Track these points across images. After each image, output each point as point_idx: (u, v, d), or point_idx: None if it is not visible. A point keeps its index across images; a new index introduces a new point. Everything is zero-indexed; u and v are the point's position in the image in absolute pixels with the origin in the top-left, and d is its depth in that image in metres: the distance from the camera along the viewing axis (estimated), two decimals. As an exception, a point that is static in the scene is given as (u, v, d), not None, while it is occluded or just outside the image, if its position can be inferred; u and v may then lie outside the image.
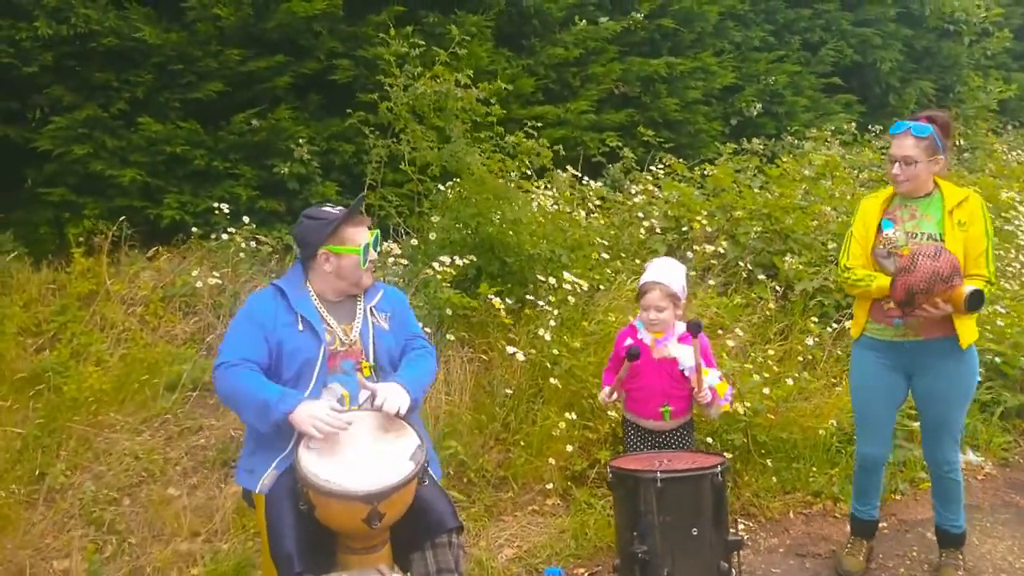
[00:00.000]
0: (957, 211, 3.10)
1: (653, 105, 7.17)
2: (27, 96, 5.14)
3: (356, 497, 2.39)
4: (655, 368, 3.26)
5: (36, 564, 3.24)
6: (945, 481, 3.36)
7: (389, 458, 2.53)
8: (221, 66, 5.47)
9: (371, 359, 2.81)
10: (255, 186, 5.64)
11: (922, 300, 2.94)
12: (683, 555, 2.73)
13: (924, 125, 3.10)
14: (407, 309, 3.04)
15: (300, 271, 2.88)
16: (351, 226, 2.81)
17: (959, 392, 3.24)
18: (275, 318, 2.73)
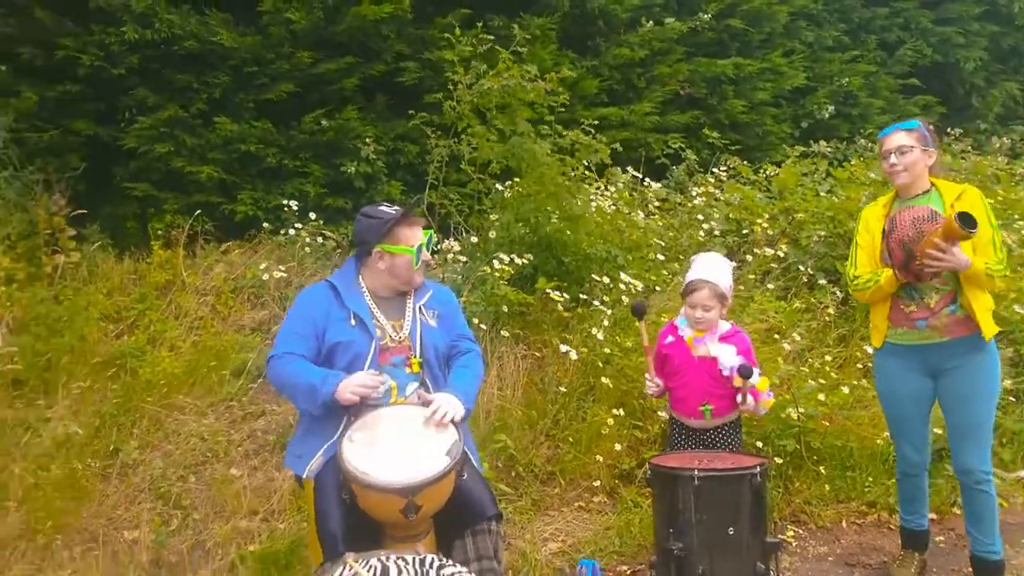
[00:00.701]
0: (958, 204, 3.06)
1: (720, 107, 7.10)
2: (115, 97, 5.47)
3: (392, 490, 2.48)
4: (695, 366, 3.26)
5: (108, 533, 3.48)
6: (976, 494, 3.19)
7: (426, 453, 2.60)
8: (292, 68, 5.69)
9: (419, 355, 2.89)
10: (323, 184, 5.85)
11: (918, 248, 2.91)
12: (719, 554, 2.74)
13: (912, 121, 3.23)
14: (456, 308, 3.12)
15: (354, 267, 3.00)
16: (406, 227, 2.90)
17: (984, 390, 3.15)
18: (327, 314, 2.85)
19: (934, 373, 3.20)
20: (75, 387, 3.91)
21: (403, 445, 2.64)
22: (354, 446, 2.62)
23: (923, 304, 3.13)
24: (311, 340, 2.82)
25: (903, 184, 3.18)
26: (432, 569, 2.27)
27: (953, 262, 2.92)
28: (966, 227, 2.81)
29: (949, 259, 2.91)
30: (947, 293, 3.10)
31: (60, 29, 5.23)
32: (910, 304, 3.16)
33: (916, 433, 3.33)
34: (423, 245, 2.93)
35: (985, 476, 3.16)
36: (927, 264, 2.94)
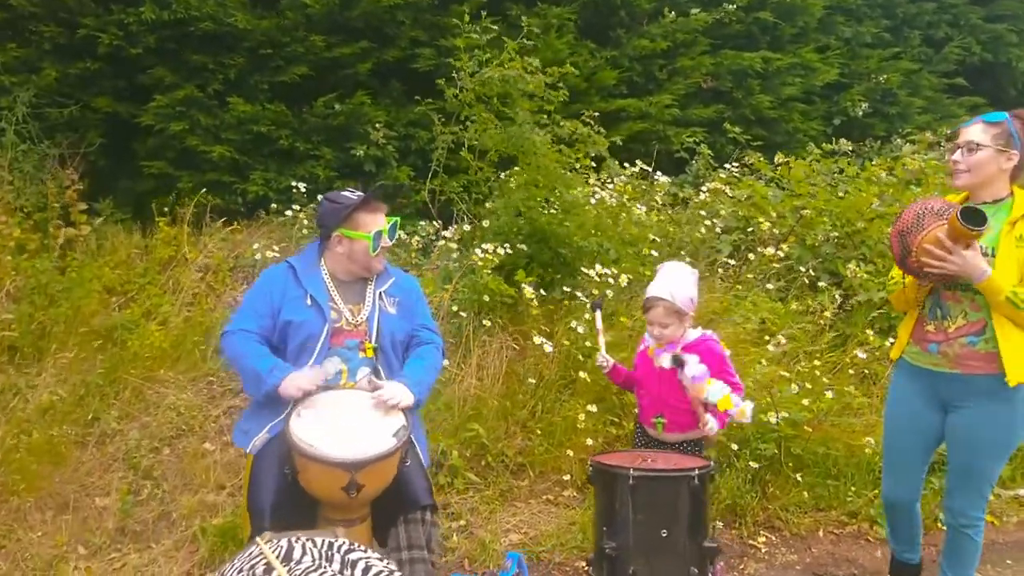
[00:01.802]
0: (1021, 223, 2.62)
1: (745, 101, 6.93)
2: (134, 76, 5.61)
3: (335, 463, 2.50)
4: (656, 377, 3.14)
5: (80, 499, 3.59)
6: (961, 536, 2.90)
7: (373, 432, 2.61)
8: (307, 51, 5.76)
9: (374, 340, 2.90)
10: (335, 167, 5.91)
11: (914, 240, 2.54)
12: (652, 555, 2.68)
13: (1000, 112, 2.71)
14: (418, 298, 3.10)
15: (317, 250, 3.01)
16: (366, 212, 2.89)
17: (996, 442, 2.77)
18: (284, 293, 2.87)
19: (944, 407, 2.83)
20: (61, 356, 4.03)
21: (350, 424, 2.65)
22: (301, 420, 2.64)
23: (942, 326, 2.75)
24: (266, 319, 2.85)
25: (964, 186, 2.75)
26: (338, 552, 2.27)
27: (959, 266, 2.51)
28: (968, 223, 2.43)
29: (954, 261, 2.51)
30: (976, 321, 2.68)
31: (82, 8, 5.40)
32: (930, 322, 2.79)
33: (908, 470, 2.98)
34: (384, 232, 2.92)
35: (972, 521, 2.88)
36: (924, 263, 2.57)
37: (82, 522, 3.51)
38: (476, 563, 3.50)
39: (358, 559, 2.28)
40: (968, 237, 2.50)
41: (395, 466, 2.63)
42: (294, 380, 2.68)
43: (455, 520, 3.73)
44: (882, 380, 4.51)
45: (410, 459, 2.79)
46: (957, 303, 2.73)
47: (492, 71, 4.66)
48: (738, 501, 3.90)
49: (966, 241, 2.51)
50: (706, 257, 5.10)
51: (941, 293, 2.77)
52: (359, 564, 2.26)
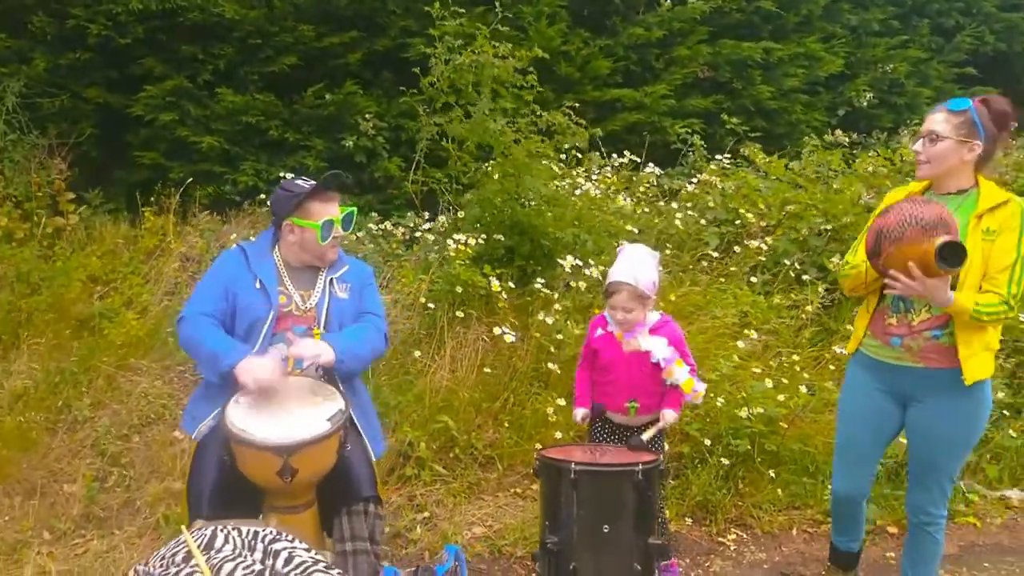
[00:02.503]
0: (988, 217, 2.53)
1: (745, 92, 6.81)
2: (125, 66, 5.64)
3: (266, 447, 2.48)
4: (625, 361, 3.10)
5: (47, 485, 3.62)
6: (921, 534, 2.84)
7: (308, 417, 2.59)
8: (296, 41, 5.75)
9: (322, 326, 2.88)
10: (325, 158, 5.90)
11: (888, 249, 2.42)
12: (594, 551, 2.63)
13: (963, 99, 2.60)
14: (370, 285, 3.07)
15: (270, 236, 3.01)
16: (319, 201, 2.86)
17: (957, 438, 2.70)
18: (235, 277, 2.86)
19: (904, 401, 2.77)
20: (36, 343, 4.07)
21: (287, 409, 2.63)
22: (239, 407, 2.63)
23: (905, 319, 2.68)
24: (221, 302, 2.84)
25: (924, 177, 2.66)
26: (261, 542, 2.26)
27: (923, 291, 2.42)
28: (944, 264, 2.33)
29: (915, 287, 2.41)
30: (940, 315, 2.60)
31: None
32: (892, 315, 2.71)
33: (861, 464, 2.91)
34: (336, 221, 2.89)
35: (933, 519, 2.81)
36: (891, 275, 2.47)
37: (49, 508, 3.54)
38: (437, 555, 3.47)
39: (282, 549, 2.27)
40: (940, 276, 2.40)
41: (333, 451, 2.60)
42: (251, 370, 2.64)
43: (420, 512, 3.72)
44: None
45: (354, 449, 2.78)
46: (920, 297, 2.58)
47: (464, 58, 4.59)
48: (709, 498, 3.84)
49: (939, 276, 2.40)
50: (692, 249, 5.01)
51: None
52: (282, 554, 2.25)
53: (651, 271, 3.06)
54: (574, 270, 4.30)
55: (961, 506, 4.01)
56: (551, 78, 6.22)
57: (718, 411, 3.96)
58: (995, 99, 2.63)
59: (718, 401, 3.93)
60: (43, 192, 5.17)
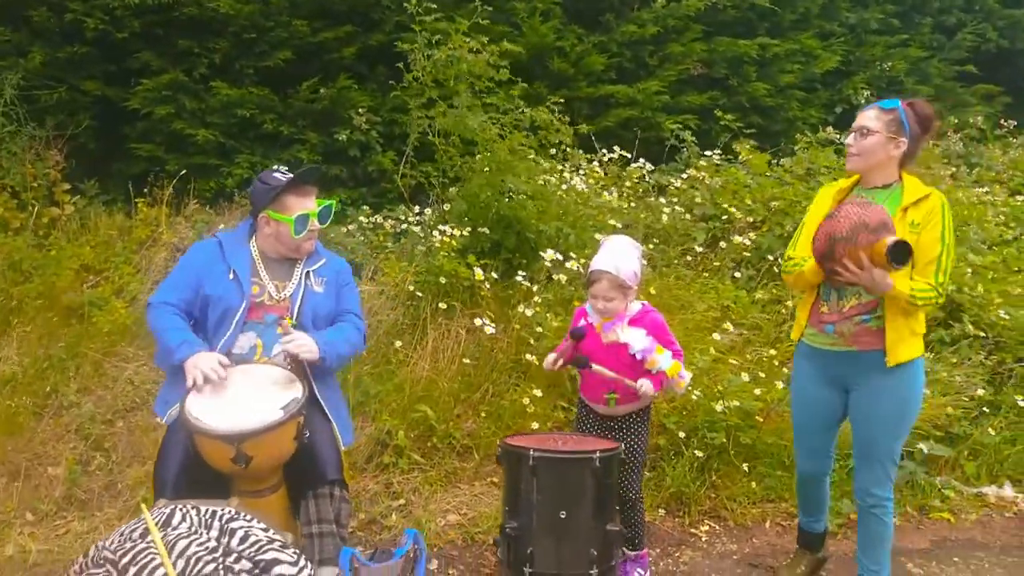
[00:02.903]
0: (913, 210, 2.69)
1: (740, 89, 6.82)
2: (122, 60, 5.73)
3: (217, 436, 2.54)
4: (604, 352, 3.11)
5: (32, 467, 3.70)
6: (868, 517, 2.91)
7: (263, 406, 2.64)
8: (291, 36, 5.82)
9: (295, 317, 2.93)
10: (320, 151, 5.97)
11: (842, 250, 2.55)
12: (551, 537, 2.66)
13: (893, 100, 2.80)
14: (348, 284, 3.13)
15: (248, 227, 3.06)
16: (294, 195, 2.91)
17: (890, 415, 2.80)
18: (209, 268, 2.92)
19: (844, 385, 2.89)
20: (24, 330, 4.15)
21: (244, 398, 2.69)
22: (199, 396, 2.68)
23: (837, 307, 2.82)
24: (188, 291, 2.90)
25: (854, 169, 2.83)
26: (218, 520, 2.32)
27: (867, 282, 2.58)
28: (893, 261, 2.49)
29: (864, 277, 2.57)
30: (868, 301, 2.75)
31: (69, -8, 5.53)
32: (825, 304, 2.84)
33: (814, 443, 3.05)
34: (312, 215, 2.94)
35: (879, 501, 2.86)
36: (839, 271, 2.61)
37: (33, 490, 3.62)
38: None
39: (238, 528, 2.33)
40: (889, 271, 2.55)
41: (289, 439, 2.65)
42: (198, 363, 2.70)
43: (396, 499, 3.77)
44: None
45: (321, 434, 2.83)
46: (851, 284, 2.72)
47: (441, 53, 4.63)
48: (683, 490, 3.87)
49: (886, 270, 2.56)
50: (678, 244, 5.04)
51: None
52: (238, 532, 2.31)
53: (633, 262, 3.07)
54: (555, 264, 4.33)
55: (936, 502, 4.01)
56: (545, 74, 6.27)
57: (694, 404, 3.99)
58: (920, 103, 2.81)
59: (694, 394, 3.95)
60: (40, 183, 5.26)
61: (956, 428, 4.27)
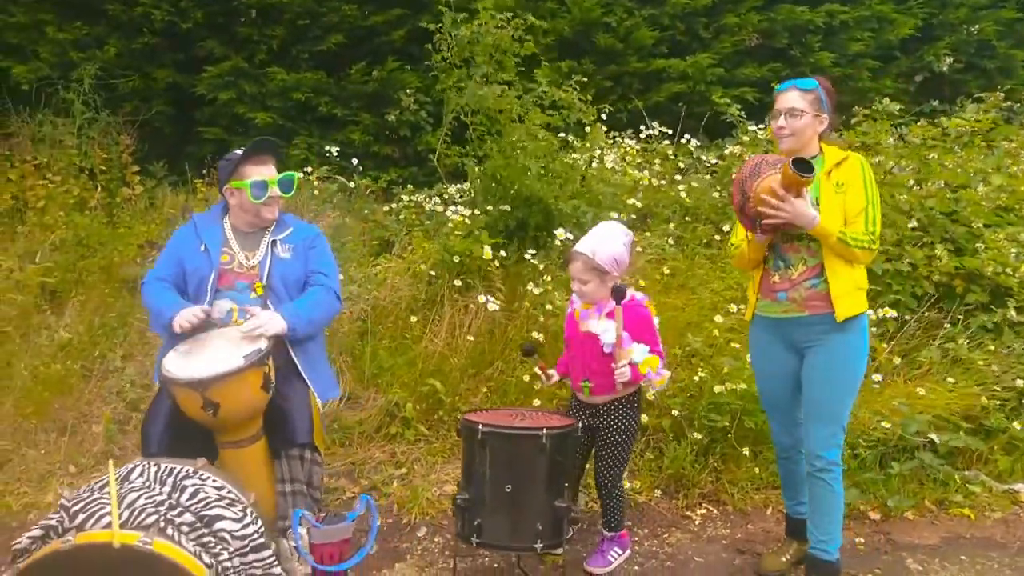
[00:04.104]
0: (836, 172, 2.84)
1: (804, 59, 6.52)
2: (189, 48, 6.12)
3: (183, 383, 2.73)
4: (580, 341, 3.13)
5: (78, 424, 4.10)
6: (815, 482, 2.91)
7: (227, 357, 2.82)
8: (342, 20, 6.03)
9: (264, 280, 3.14)
10: (372, 132, 6.19)
11: (751, 187, 2.71)
12: (497, 509, 2.74)
13: (810, 79, 2.93)
14: (316, 247, 3.28)
15: (221, 207, 3.29)
16: (251, 165, 3.12)
17: (838, 373, 2.87)
18: (187, 243, 3.19)
19: (799, 350, 2.96)
20: (82, 300, 4.57)
21: (213, 352, 2.88)
22: (175, 354, 2.91)
23: (786, 275, 2.92)
24: (173, 267, 3.17)
25: (788, 149, 2.89)
26: (172, 477, 2.54)
27: (791, 213, 2.68)
28: (799, 170, 2.60)
29: (787, 209, 2.67)
30: (814, 266, 2.86)
31: (140, -15, 5.95)
32: (775, 273, 2.95)
33: (784, 413, 3.10)
34: (271, 182, 3.12)
35: (827, 465, 2.88)
36: (762, 212, 2.71)
37: (77, 445, 4.02)
38: (404, 508, 3.69)
39: (190, 485, 2.54)
40: (800, 184, 2.66)
41: (256, 387, 2.79)
42: (181, 314, 2.95)
43: (399, 468, 3.94)
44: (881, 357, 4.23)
45: (296, 398, 3.01)
46: (796, 252, 2.89)
47: (465, 29, 4.68)
48: (683, 472, 3.84)
49: (797, 189, 2.67)
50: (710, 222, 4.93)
51: (780, 247, 2.91)
52: (188, 488, 2.53)
53: (614, 247, 3.05)
54: (567, 243, 4.35)
55: (959, 496, 3.80)
56: (592, 50, 6.22)
57: (698, 387, 3.94)
58: (821, 79, 2.96)
59: (697, 376, 3.91)
60: (114, 165, 5.72)
61: (992, 420, 4.02)
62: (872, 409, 3.96)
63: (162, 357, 3.17)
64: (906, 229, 4.49)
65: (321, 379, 3.18)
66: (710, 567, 3.33)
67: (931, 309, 4.40)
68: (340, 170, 6.03)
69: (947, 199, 4.59)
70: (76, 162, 5.60)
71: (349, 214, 5.39)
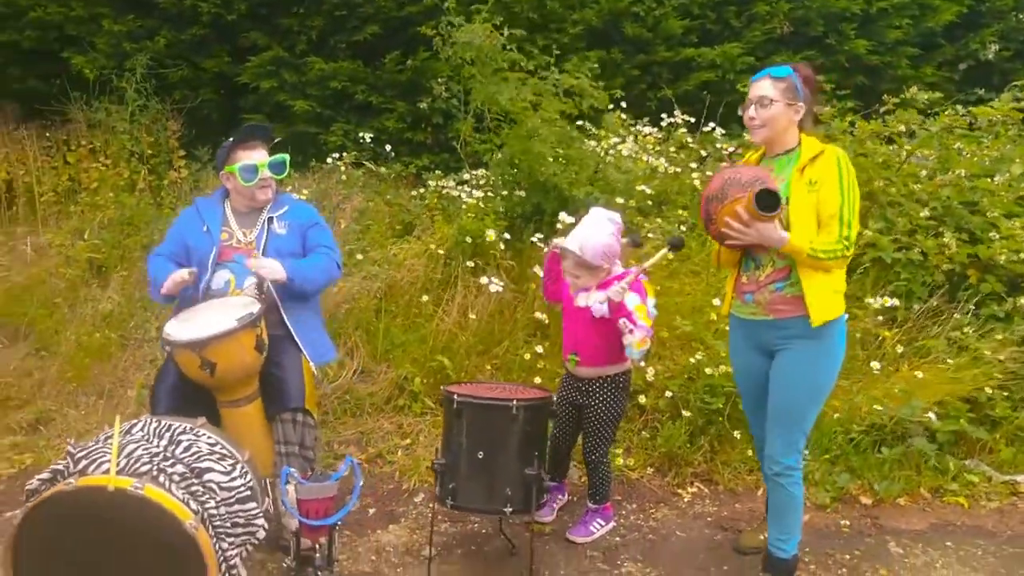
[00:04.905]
0: (810, 168, 2.68)
1: (839, 47, 6.44)
2: (234, 39, 6.43)
3: (182, 344, 2.98)
4: (573, 314, 3.26)
5: (115, 389, 4.44)
6: (774, 486, 2.90)
7: (221, 320, 3.04)
8: (377, 11, 6.24)
9: (260, 253, 3.37)
10: (406, 120, 6.39)
11: (715, 209, 2.61)
12: (470, 475, 2.91)
13: (784, 67, 2.79)
14: (315, 225, 3.52)
15: (223, 192, 3.55)
16: (242, 150, 3.38)
17: (801, 380, 2.78)
18: (191, 225, 3.47)
19: (769, 351, 2.89)
20: (123, 274, 4.91)
21: (209, 317, 3.11)
22: (175, 320, 3.17)
23: (754, 276, 2.84)
24: (176, 245, 3.46)
25: (760, 141, 2.84)
26: (169, 432, 2.78)
27: (755, 237, 2.60)
28: (762, 209, 2.51)
29: (751, 233, 2.59)
30: (782, 268, 2.76)
31: (188, -21, 6.27)
32: (744, 274, 2.88)
33: (758, 409, 3.02)
34: (260, 165, 3.35)
35: (784, 470, 2.84)
36: (724, 234, 2.67)
37: (113, 407, 4.34)
38: (404, 476, 3.89)
39: (184, 439, 2.79)
40: (762, 221, 2.56)
41: (247, 347, 3.02)
42: (170, 277, 3.22)
43: (404, 439, 4.14)
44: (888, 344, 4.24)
45: (290, 364, 3.23)
46: (766, 252, 2.78)
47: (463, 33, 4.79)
48: (676, 451, 3.93)
49: (763, 221, 2.56)
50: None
51: (753, 247, 2.79)
52: (183, 443, 2.77)
53: (602, 239, 3.08)
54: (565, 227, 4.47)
55: (955, 485, 3.79)
56: (621, 39, 6.29)
57: (694, 368, 4.02)
58: (799, 66, 2.84)
59: (695, 358, 3.99)
60: (162, 149, 6.08)
61: (997, 410, 3.98)
62: (870, 395, 3.97)
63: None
64: (920, 218, 4.45)
65: (315, 344, 3.40)
66: (690, 541, 3.44)
67: (942, 299, 4.36)
68: (374, 156, 6.27)
69: (964, 189, 4.53)
70: (127, 146, 5.97)
71: (376, 197, 5.61)
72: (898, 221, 4.43)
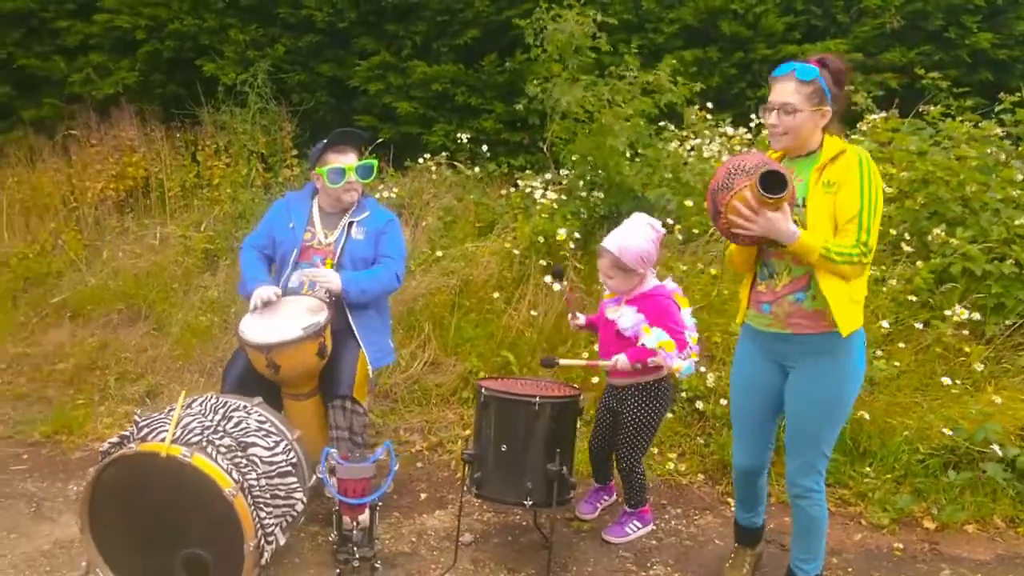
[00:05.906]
0: (829, 168, 2.51)
1: (961, 41, 6.03)
2: (347, 45, 6.83)
3: (252, 345, 3.28)
4: (604, 325, 3.32)
5: (214, 367, 4.87)
6: (796, 509, 2.77)
7: (289, 326, 3.32)
8: (476, 16, 6.45)
9: (336, 259, 3.61)
10: (504, 120, 6.58)
11: (723, 200, 2.45)
12: (494, 466, 3.02)
13: (811, 67, 2.54)
14: (388, 232, 3.68)
15: (312, 188, 3.79)
16: (333, 153, 3.60)
17: (825, 401, 2.63)
18: (279, 219, 3.73)
19: (783, 367, 2.73)
20: (228, 263, 5.37)
21: (282, 319, 3.40)
22: (251, 317, 3.47)
23: (771, 285, 2.67)
24: (265, 238, 3.73)
25: (782, 149, 2.65)
26: (223, 408, 3.09)
27: (763, 228, 2.42)
28: (767, 190, 2.36)
29: (759, 223, 2.41)
30: (800, 277, 2.59)
31: (302, -9, 6.72)
32: (761, 283, 2.71)
33: (756, 436, 2.88)
34: (348, 169, 3.58)
35: (804, 492, 2.71)
36: (732, 223, 2.48)
37: (212, 385, 4.77)
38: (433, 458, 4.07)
39: (236, 415, 3.09)
40: (768, 205, 2.40)
41: (309, 353, 3.28)
42: (259, 291, 3.46)
43: (465, 429, 4.31)
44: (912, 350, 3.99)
45: (348, 356, 3.46)
46: (781, 259, 2.62)
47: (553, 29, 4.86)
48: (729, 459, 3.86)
49: (770, 206, 2.41)
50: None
51: (767, 252, 2.66)
52: (234, 418, 3.08)
53: (641, 244, 3.12)
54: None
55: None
56: (718, 37, 6.17)
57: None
58: (830, 59, 2.60)
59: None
60: (278, 149, 6.57)
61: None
62: (943, 415, 3.76)
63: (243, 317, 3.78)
64: (1017, 226, 4.13)
65: (375, 346, 3.61)
66: (726, 550, 3.39)
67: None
68: (471, 156, 6.50)
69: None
70: (247, 146, 6.49)
71: (466, 196, 5.82)
72: (993, 229, 4.13)
